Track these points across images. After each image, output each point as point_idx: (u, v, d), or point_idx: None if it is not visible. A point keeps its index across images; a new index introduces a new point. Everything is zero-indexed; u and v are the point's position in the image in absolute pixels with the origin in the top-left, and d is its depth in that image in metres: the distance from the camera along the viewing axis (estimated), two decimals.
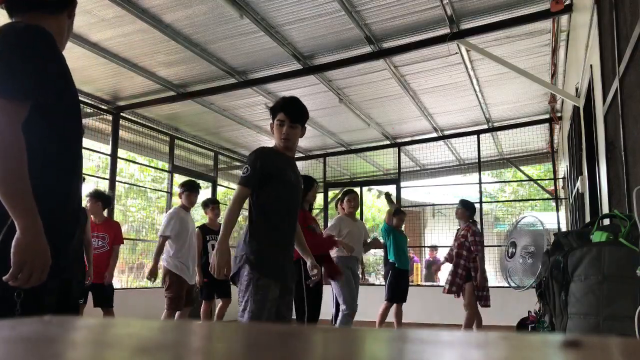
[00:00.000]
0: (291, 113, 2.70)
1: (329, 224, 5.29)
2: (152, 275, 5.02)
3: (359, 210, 9.66)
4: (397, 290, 6.27)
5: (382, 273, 6.85)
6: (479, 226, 5.83)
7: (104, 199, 5.26)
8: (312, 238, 4.36)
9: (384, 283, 6.55)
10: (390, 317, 6.40)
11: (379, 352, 0.42)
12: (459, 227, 5.79)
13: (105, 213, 5.36)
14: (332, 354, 0.40)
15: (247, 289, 2.55)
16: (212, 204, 6.24)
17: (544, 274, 2.26)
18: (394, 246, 6.36)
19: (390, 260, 6.35)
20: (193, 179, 6.07)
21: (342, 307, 4.93)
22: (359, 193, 9.72)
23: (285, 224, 2.72)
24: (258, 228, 2.64)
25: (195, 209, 6.35)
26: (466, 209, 5.71)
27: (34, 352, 0.38)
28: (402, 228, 6.80)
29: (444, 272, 5.90)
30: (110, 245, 5.16)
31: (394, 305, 6.35)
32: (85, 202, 5.36)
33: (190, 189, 5.36)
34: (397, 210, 6.77)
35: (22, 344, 0.41)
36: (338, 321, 4.97)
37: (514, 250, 4.36)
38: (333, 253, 5.13)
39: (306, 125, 2.86)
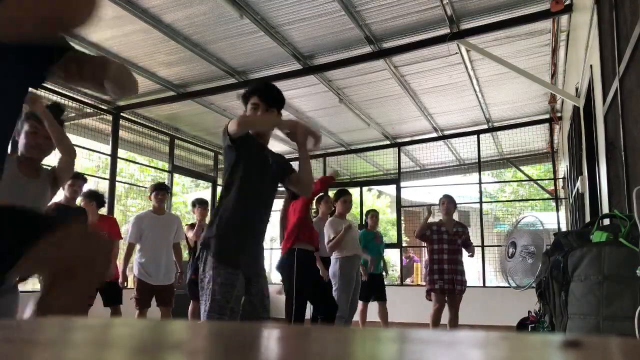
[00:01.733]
0: (266, 96, 2.52)
1: (324, 229, 5.19)
2: (123, 279, 5.03)
3: (358, 210, 9.70)
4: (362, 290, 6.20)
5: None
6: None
7: (97, 199, 5.26)
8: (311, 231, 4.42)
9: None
10: (377, 317, 6.37)
11: (378, 352, 0.42)
12: (442, 224, 5.44)
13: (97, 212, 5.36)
14: (332, 354, 0.40)
15: (208, 281, 2.32)
16: (199, 205, 6.19)
17: (544, 274, 2.26)
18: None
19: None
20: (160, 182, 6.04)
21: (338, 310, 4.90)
22: (358, 193, 9.75)
23: (255, 210, 2.48)
24: (226, 210, 2.40)
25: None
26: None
27: (34, 352, 0.38)
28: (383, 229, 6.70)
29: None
30: None
31: (377, 305, 6.28)
32: (79, 203, 5.36)
33: (153, 189, 5.28)
34: (369, 210, 6.72)
35: (22, 344, 0.41)
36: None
37: (513, 250, 4.37)
38: (334, 255, 5.12)
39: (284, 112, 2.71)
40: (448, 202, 5.47)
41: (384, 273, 6.53)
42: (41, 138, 2.66)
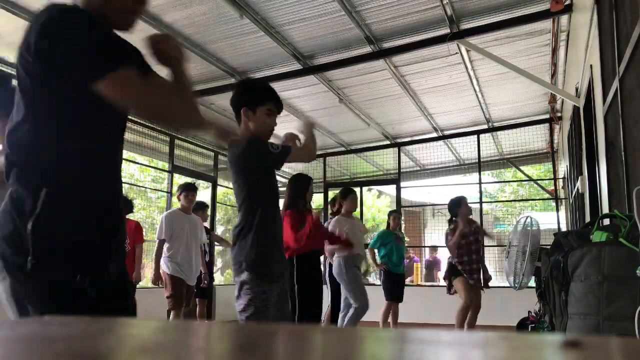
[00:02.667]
0: (281, 105, 2.53)
1: (328, 227, 5.25)
2: (157, 278, 5.05)
3: (358, 210, 9.70)
4: (389, 291, 6.28)
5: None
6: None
7: (126, 204, 5.30)
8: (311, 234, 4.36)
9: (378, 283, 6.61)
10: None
11: (379, 352, 0.42)
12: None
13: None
14: (332, 354, 0.40)
15: (249, 300, 2.34)
16: (200, 209, 6.19)
17: (544, 274, 2.26)
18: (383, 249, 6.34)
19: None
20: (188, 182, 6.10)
21: (355, 304, 4.95)
22: (358, 193, 9.75)
23: (279, 222, 2.55)
24: (257, 229, 2.38)
25: None
26: None
27: (34, 352, 0.38)
28: (402, 229, 6.76)
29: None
30: (132, 246, 5.19)
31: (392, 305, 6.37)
32: None
33: (185, 189, 5.38)
34: (392, 211, 6.79)
35: (22, 344, 0.41)
36: (347, 318, 4.98)
37: (509, 250, 4.39)
38: (337, 254, 5.13)
39: None
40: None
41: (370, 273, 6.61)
42: None
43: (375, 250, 6.35)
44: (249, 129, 2.46)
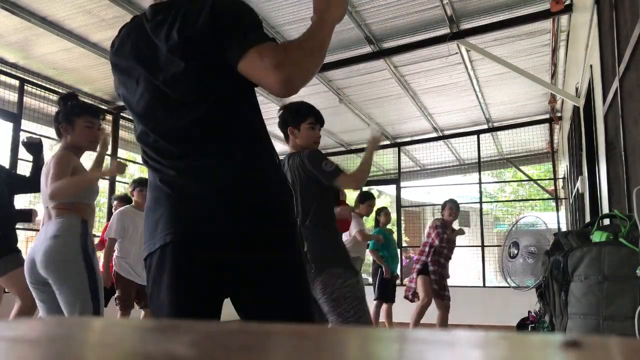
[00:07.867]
0: (321, 117, 2.79)
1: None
2: (108, 279, 4.62)
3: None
4: (384, 291, 6.28)
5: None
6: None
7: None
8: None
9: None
10: (382, 318, 6.40)
11: (379, 352, 0.42)
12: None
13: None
14: (332, 354, 0.40)
15: (350, 292, 2.51)
16: None
17: (544, 274, 2.26)
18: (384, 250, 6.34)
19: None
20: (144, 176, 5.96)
21: None
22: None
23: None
24: (330, 226, 2.68)
25: None
26: None
27: (34, 352, 0.38)
28: (392, 226, 6.72)
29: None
30: None
31: (384, 306, 6.33)
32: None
33: (138, 184, 4.97)
34: (381, 208, 6.75)
35: (22, 344, 0.41)
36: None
37: (516, 250, 4.37)
38: None
39: None
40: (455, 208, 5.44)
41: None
42: (96, 132, 2.80)
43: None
44: (297, 145, 2.78)
